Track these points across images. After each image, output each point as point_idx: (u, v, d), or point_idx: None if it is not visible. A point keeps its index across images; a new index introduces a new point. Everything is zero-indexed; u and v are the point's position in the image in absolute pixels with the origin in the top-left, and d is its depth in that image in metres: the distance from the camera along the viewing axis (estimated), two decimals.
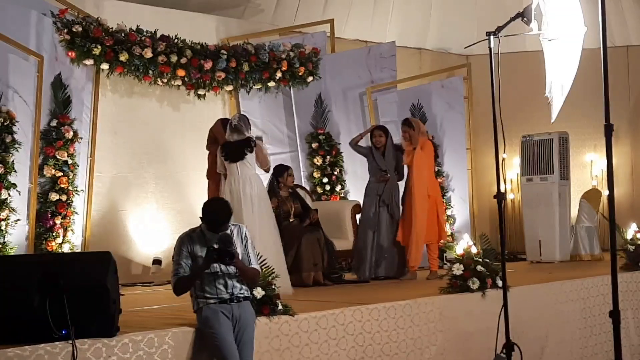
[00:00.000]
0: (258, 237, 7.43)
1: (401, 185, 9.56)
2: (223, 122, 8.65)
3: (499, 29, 6.08)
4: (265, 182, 8.78)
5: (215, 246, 5.36)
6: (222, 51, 10.37)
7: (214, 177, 8.63)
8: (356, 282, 9.16)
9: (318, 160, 11.30)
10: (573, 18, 6.08)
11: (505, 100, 6.38)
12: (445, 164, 12.59)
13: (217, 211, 5.58)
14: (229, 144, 8.33)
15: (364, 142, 9.93)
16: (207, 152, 8.88)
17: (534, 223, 11.35)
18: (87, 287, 4.99)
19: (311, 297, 7.53)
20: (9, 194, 8.26)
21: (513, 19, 6.10)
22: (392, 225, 9.38)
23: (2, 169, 8.17)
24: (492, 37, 6.07)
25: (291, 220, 9.17)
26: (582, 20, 6.10)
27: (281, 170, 9.31)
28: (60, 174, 9.01)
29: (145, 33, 9.79)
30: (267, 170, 8.67)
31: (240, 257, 5.51)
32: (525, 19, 6.06)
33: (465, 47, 7.81)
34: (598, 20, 4.52)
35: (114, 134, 9.97)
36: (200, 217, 5.60)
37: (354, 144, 9.77)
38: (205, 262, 5.38)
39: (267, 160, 8.50)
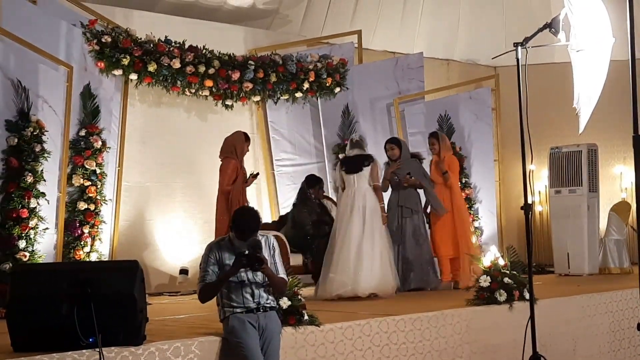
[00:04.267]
0: (365, 247, 8.37)
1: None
2: (245, 135, 9.01)
3: (527, 39, 6.06)
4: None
5: (246, 252, 5.35)
6: (250, 62, 10.41)
7: (229, 189, 8.73)
8: None
9: None
10: (601, 29, 6.03)
11: (533, 112, 6.33)
12: (472, 176, 12.54)
13: (247, 219, 5.57)
14: (348, 158, 8.83)
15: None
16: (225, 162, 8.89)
17: (563, 235, 11.27)
18: (114, 296, 5.03)
19: (337, 308, 7.52)
20: (38, 202, 8.30)
21: (541, 29, 6.07)
22: (416, 237, 9.35)
23: (32, 178, 8.23)
24: (519, 48, 6.06)
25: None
26: (610, 32, 6.05)
27: (313, 182, 9.38)
28: (89, 183, 9.07)
29: (173, 44, 9.86)
30: (376, 188, 8.82)
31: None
32: (553, 29, 6.03)
33: (492, 58, 7.79)
34: (627, 31, 4.49)
35: (142, 143, 10.03)
36: (230, 226, 5.59)
37: (386, 188, 9.66)
38: (234, 267, 5.36)
39: (378, 177, 8.86)
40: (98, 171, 9.17)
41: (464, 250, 9.30)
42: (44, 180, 8.42)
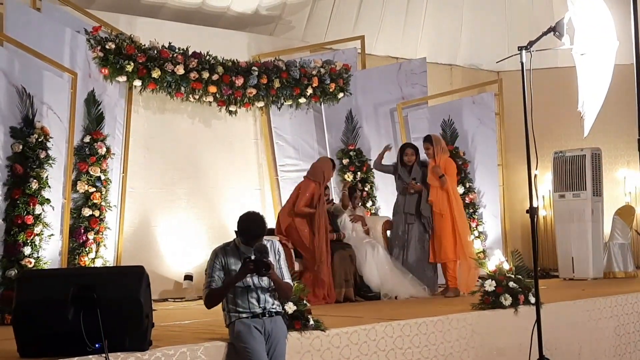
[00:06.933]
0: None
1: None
2: (332, 162, 9.45)
3: (531, 43, 6.08)
4: None
5: (252, 257, 5.34)
6: (254, 68, 10.43)
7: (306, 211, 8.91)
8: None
9: (349, 176, 11.29)
10: (605, 32, 6.05)
11: (537, 116, 6.35)
12: (476, 180, 12.51)
13: (253, 224, 5.55)
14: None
15: (388, 160, 9.93)
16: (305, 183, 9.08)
17: (567, 240, 11.27)
18: (120, 301, 5.02)
19: (342, 312, 7.53)
20: (42, 209, 8.30)
21: (545, 33, 6.08)
22: (421, 242, 9.35)
23: (37, 184, 8.23)
24: (523, 51, 6.07)
25: None
26: (614, 35, 6.07)
27: None
28: (93, 189, 9.08)
29: (177, 50, 9.87)
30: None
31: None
32: (557, 33, 6.04)
33: (496, 62, 7.80)
34: (631, 34, 4.50)
35: (146, 150, 10.04)
36: (235, 231, 5.59)
37: (378, 165, 9.83)
38: (241, 272, 5.35)
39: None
40: (103, 177, 9.18)
41: (462, 256, 9.24)
42: (49, 187, 8.42)
